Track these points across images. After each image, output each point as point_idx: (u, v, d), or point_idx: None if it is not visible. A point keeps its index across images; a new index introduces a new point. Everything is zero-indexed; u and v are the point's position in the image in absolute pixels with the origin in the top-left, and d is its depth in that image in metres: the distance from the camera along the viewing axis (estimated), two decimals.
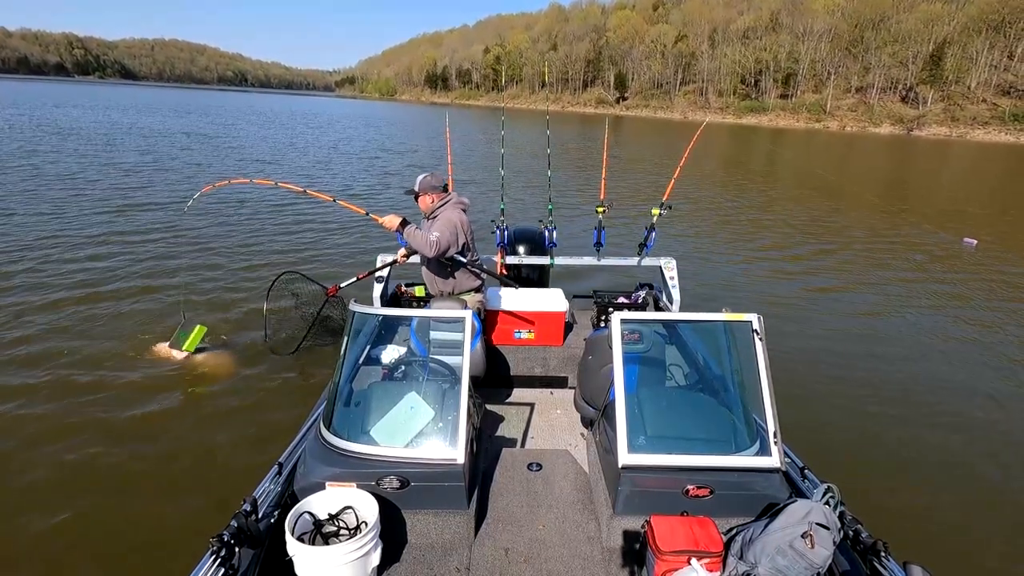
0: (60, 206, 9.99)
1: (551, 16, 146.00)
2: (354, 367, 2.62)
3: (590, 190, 14.75)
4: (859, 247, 10.47)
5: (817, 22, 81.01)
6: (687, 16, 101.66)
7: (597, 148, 29.27)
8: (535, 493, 2.53)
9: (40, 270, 6.79)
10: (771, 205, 14.91)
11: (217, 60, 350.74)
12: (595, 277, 6.87)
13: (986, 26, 68.29)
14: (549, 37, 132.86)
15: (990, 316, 7.12)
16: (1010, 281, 8.67)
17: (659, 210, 4.13)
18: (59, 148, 17.20)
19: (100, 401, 4.18)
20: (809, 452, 2.57)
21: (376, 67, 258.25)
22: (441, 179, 3.27)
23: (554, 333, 3.74)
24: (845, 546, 1.94)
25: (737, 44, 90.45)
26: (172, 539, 2.99)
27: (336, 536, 2.04)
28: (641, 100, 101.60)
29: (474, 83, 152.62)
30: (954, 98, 68.72)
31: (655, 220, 4.12)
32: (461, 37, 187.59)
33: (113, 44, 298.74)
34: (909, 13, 76.10)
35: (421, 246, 3.06)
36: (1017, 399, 5.00)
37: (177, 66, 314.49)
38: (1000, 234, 12.15)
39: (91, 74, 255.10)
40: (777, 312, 6.80)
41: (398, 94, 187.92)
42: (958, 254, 10.26)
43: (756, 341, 2.22)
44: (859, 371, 5.38)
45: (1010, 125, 62.41)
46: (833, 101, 77.96)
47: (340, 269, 7.59)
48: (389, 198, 13.16)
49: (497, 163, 7.11)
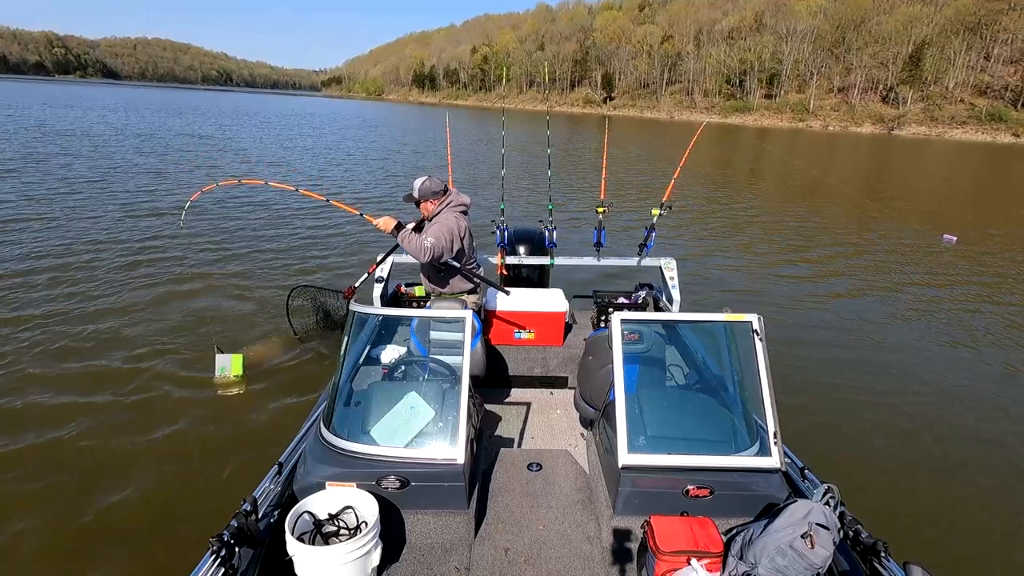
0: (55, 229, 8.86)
1: (538, 16, 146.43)
2: (354, 367, 2.60)
3: (585, 190, 14.78)
4: (857, 247, 10.57)
5: (800, 23, 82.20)
6: (673, 17, 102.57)
7: (588, 148, 29.42)
8: (535, 493, 2.53)
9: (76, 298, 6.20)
10: (765, 205, 15.06)
11: (201, 59, 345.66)
12: (595, 277, 6.85)
13: (963, 28, 69.88)
14: (536, 37, 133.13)
15: (989, 316, 7.18)
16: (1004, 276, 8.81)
17: (659, 210, 4.12)
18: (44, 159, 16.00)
19: (154, 441, 3.94)
20: (809, 452, 2.57)
21: (363, 67, 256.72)
22: (440, 182, 3.20)
23: (554, 333, 3.73)
24: (845, 546, 1.94)
25: (722, 44, 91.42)
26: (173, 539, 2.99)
27: (336, 536, 2.04)
28: (628, 100, 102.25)
29: (462, 83, 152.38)
30: (933, 98, 70.21)
31: (655, 220, 4.12)
32: (448, 37, 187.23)
33: (95, 43, 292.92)
34: (889, 15, 77.65)
35: (414, 251, 3.03)
36: (1018, 400, 5.02)
37: (160, 65, 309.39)
38: (976, 229, 12.42)
39: (71, 73, 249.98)
40: (778, 312, 6.83)
41: (385, 94, 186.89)
42: (947, 250, 10.51)
43: (756, 341, 2.23)
44: (859, 372, 5.37)
45: (986, 125, 63.97)
46: (816, 101, 79.18)
47: (348, 269, 7.56)
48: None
49: (493, 162, 7.06)
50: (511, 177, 15.72)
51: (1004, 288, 8.37)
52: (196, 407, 4.26)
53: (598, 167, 4.72)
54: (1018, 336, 6.54)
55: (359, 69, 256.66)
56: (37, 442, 3.78)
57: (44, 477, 3.47)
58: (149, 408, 4.22)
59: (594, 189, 15.50)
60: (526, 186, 15.19)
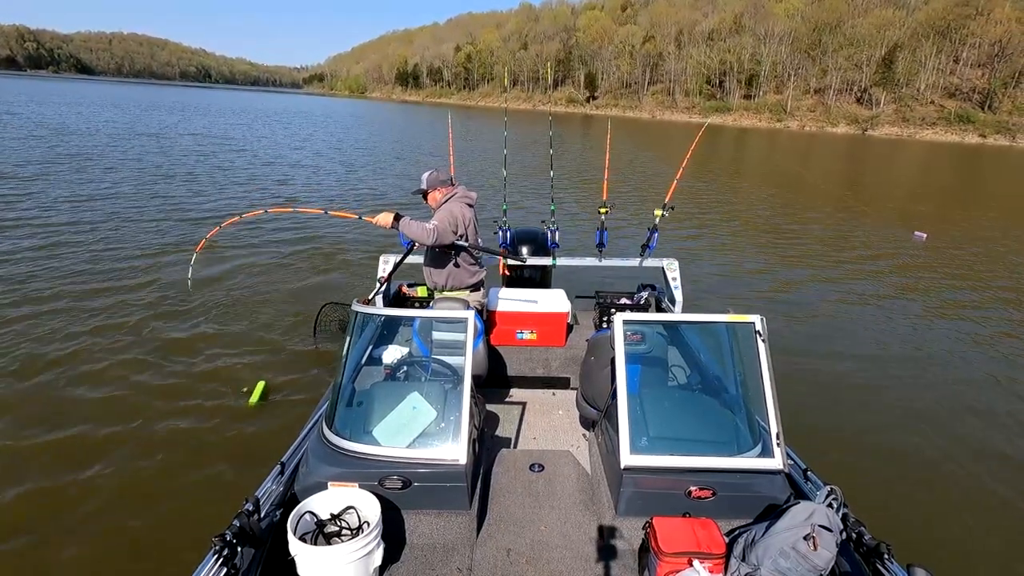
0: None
1: (521, 15, 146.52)
2: (356, 367, 2.59)
3: (582, 190, 14.74)
4: (859, 249, 10.66)
5: (778, 25, 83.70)
6: (654, 17, 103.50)
7: (577, 148, 29.51)
8: (537, 494, 2.52)
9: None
10: (759, 205, 15.24)
11: (179, 55, 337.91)
12: (597, 278, 6.79)
13: (934, 31, 71.97)
14: (520, 36, 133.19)
15: (989, 316, 7.29)
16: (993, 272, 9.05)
17: (661, 211, 4.10)
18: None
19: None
20: (812, 454, 2.58)
21: (345, 64, 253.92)
22: (447, 173, 3.25)
23: (556, 334, 3.73)
24: (848, 548, 1.94)
25: (702, 46, 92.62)
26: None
27: (338, 536, 2.03)
28: (611, 99, 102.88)
29: (445, 81, 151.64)
30: (905, 100, 72.18)
31: (657, 221, 4.10)
32: (432, 35, 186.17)
33: (68, 37, 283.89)
34: (863, 18, 79.59)
35: (420, 235, 3.01)
36: (1020, 400, 5.05)
37: (137, 61, 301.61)
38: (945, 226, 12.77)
39: (44, 68, 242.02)
40: (779, 313, 6.85)
41: (368, 92, 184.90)
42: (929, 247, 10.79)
43: (759, 342, 2.24)
44: (861, 373, 5.41)
45: (955, 126, 66.01)
46: (793, 102, 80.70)
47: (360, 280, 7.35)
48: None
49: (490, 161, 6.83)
50: (513, 177, 15.55)
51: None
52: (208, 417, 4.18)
53: (587, 168, 4.67)
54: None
55: (341, 67, 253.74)
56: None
57: (45, 476, 3.45)
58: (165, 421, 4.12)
59: (585, 190, 15.59)
60: (528, 186, 15.11)
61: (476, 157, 22.10)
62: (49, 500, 3.28)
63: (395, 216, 3.04)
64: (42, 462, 3.60)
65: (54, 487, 3.39)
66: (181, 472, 3.57)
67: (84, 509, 3.23)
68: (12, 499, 3.27)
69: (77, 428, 3.95)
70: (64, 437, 3.85)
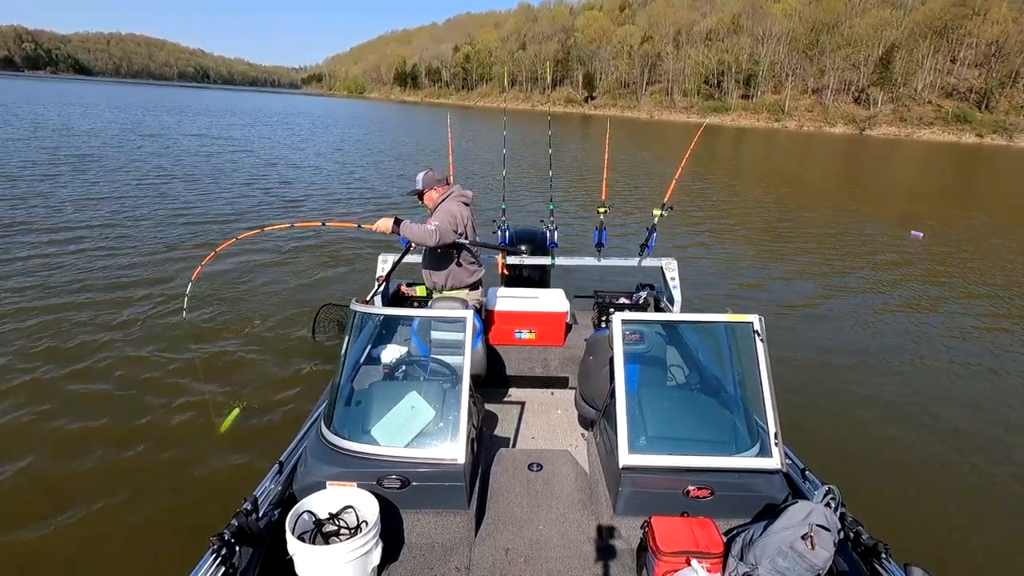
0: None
1: (520, 15, 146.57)
2: (355, 366, 2.58)
3: (581, 189, 14.72)
4: (851, 247, 10.68)
5: (775, 25, 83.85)
6: (652, 17, 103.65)
7: (576, 148, 29.50)
8: (535, 493, 2.53)
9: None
10: (757, 205, 15.20)
11: (177, 55, 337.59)
12: (596, 277, 6.78)
13: (931, 31, 72.14)
14: (518, 36, 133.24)
15: (987, 315, 7.30)
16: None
17: (660, 211, 4.10)
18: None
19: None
20: (810, 453, 2.58)
21: (344, 64, 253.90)
22: (442, 172, 3.26)
23: (555, 333, 3.73)
24: (846, 548, 1.95)
25: (700, 46, 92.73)
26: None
27: (336, 535, 2.03)
28: (609, 99, 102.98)
29: (444, 81, 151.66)
30: (902, 99, 72.40)
31: (656, 221, 4.10)
32: (430, 35, 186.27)
33: (66, 38, 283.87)
34: (861, 18, 79.79)
35: (422, 238, 3.01)
36: (1021, 401, 5.05)
37: (135, 61, 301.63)
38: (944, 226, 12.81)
39: (42, 69, 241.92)
40: (778, 313, 6.84)
41: (367, 92, 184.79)
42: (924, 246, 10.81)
43: (757, 342, 2.25)
44: (860, 373, 5.40)
45: (953, 126, 66.21)
46: (791, 102, 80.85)
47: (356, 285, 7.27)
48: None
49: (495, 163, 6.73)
50: (512, 177, 15.50)
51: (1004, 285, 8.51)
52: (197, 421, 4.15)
53: (586, 168, 4.68)
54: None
55: (340, 67, 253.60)
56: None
57: (41, 475, 3.45)
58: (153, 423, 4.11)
59: (580, 189, 15.59)
60: (527, 186, 15.06)
61: (475, 157, 22.11)
62: (47, 498, 3.28)
63: (395, 220, 3.04)
64: (37, 457, 3.60)
65: (52, 485, 3.38)
66: (181, 472, 3.57)
67: (85, 509, 3.22)
68: (10, 499, 3.27)
69: (76, 425, 3.95)
70: (63, 435, 3.85)
